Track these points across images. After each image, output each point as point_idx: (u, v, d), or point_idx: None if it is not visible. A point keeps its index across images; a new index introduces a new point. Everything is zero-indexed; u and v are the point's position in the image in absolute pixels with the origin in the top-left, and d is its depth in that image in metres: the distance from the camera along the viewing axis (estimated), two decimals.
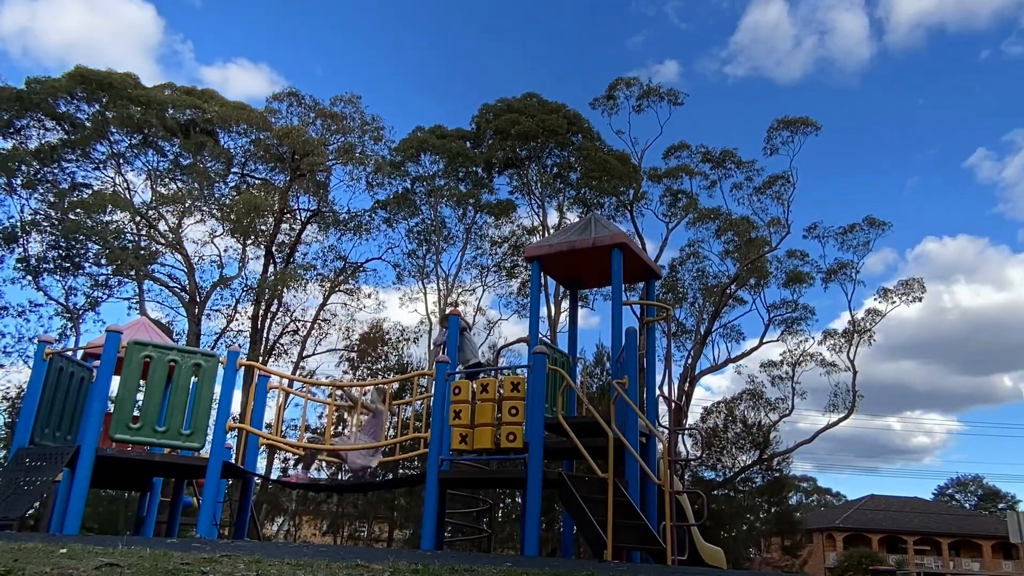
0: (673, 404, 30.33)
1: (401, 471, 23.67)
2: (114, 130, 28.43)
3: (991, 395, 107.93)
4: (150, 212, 28.90)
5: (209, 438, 8.34)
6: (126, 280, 28.50)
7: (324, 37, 78.85)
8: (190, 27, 70.53)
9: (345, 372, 31.20)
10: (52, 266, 27.54)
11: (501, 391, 7.79)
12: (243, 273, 30.68)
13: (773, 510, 36.80)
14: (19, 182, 27.47)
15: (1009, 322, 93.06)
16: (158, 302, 29.65)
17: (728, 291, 33.62)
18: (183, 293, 29.18)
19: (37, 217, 27.51)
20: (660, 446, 8.53)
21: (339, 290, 32.11)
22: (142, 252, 28.04)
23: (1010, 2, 63.13)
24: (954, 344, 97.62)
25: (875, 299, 34.18)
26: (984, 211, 75.70)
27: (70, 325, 27.83)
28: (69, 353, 9.03)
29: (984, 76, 72.26)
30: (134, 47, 66.80)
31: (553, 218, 33.08)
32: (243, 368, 8.91)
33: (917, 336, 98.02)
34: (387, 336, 32.08)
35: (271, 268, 30.70)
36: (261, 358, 28.55)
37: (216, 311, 30.23)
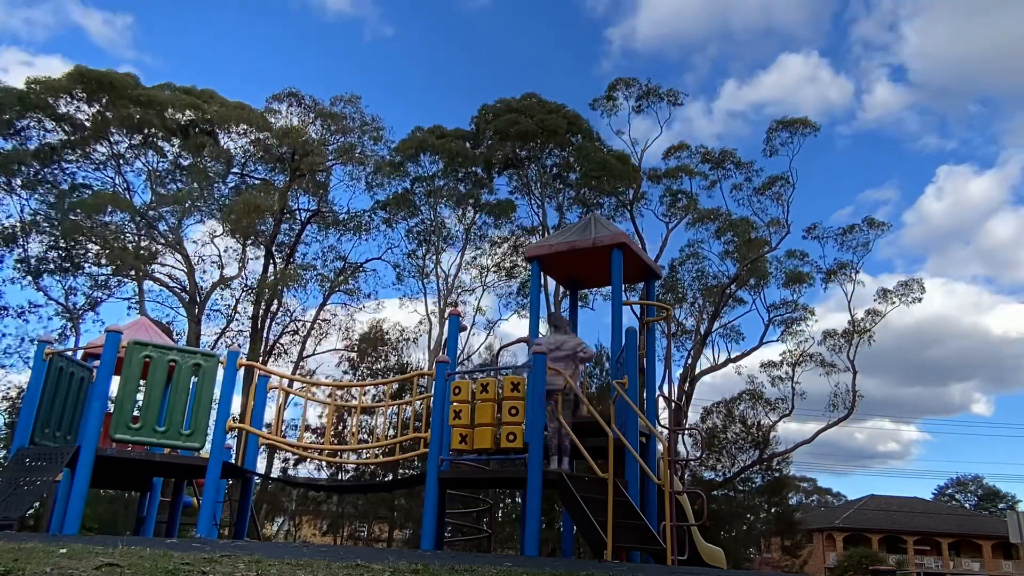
0: (673, 404, 30.32)
1: (401, 471, 23.67)
2: (114, 131, 28.43)
3: (942, 406, 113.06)
4: (150, 212, 28.90)
5: (209, 438, 8.35)
6: (126, 280, 28.52)
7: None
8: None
9: (345, 372, 31.24)
10: (52, 266, 27.54)
11: (501, 391, 7.79)
12: (243, 273, 30.72)
13: (773, 510, 36.78)
14: (19, 182, 27.47)
15: (927, 339, 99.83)
16: (158, 302, 29.69)
17: (728, 291, 33.61)
18: (183, 293, 29.18)
19: (37, 217, 27.51)
20: (660, 446, 8.53)
21: (339, 290, 32.13)
22: (142, 252, 28.03)
23: (830, 104, 73.78)
24: (886, 360, 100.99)
25: (875, 299, 34.20)
26: (869, 259, 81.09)
27: (70, 325, 27.85)
28: (69, 353, 9.03)
29: (824, 151, 78.94)
30: None
31: (553, 218, 33.09)
32: (243, 368, 8.92)
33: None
34: (387, 336, 32.09)
35: (271, 268, 30.71)
36: (261, 358, 28.55)
37: (216, 311, 30.26)
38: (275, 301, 30.36)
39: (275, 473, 27.38)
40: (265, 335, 30.55)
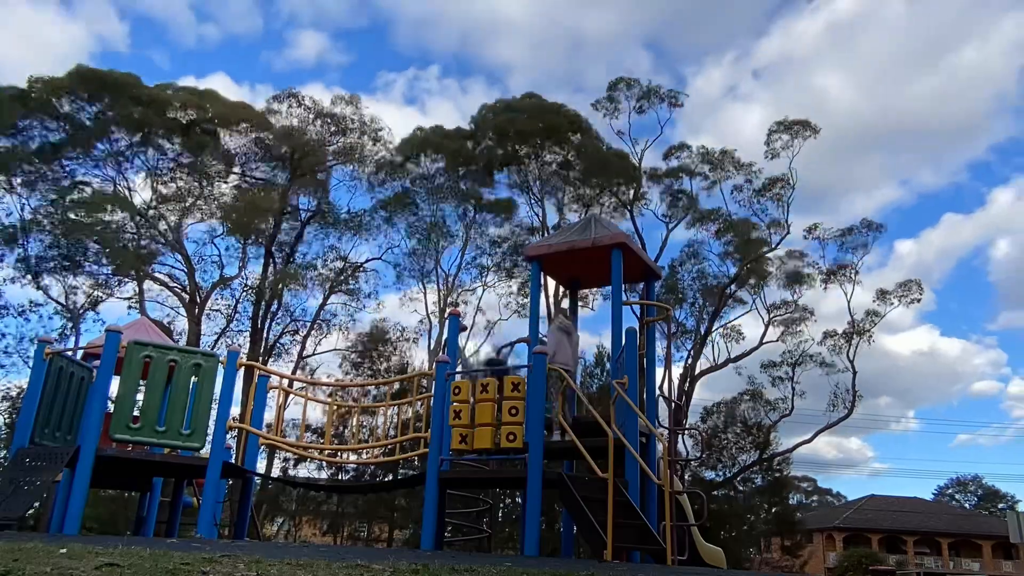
0: (673, 404, 30.31)
1: (401, 471, 23.68)
2: (115, 129, 28.41)
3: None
4: (150, 211, 28.88)
5: (209, 438, 8.35)
6: (126, 280, 28.48)
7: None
8: None
9: (346, 372, 31.23)
10: (52, 266, 27.51)
11: (501, 391, 7.78)
12: (243, 273, 30.70)
13: (773, 510, 36.77)
14: (19, 182, 27.45)
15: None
16: (158, 302, 29.65)
17: (728, 291, 33.60)
18: (183, 293, 29.17)
19: (37, 217, 27.48)
20: (660, 446, 8.52)
21: (339, 290, 32.10)
22: (142, 252, 28.01)
23: None
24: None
25: (874, 301, 34.21)
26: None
27: (70, 325, 27.81)
28: (69, 353, 9.03)
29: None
30: None
31: (553, 217, 33.09)
32: (243, 368, 8.91)
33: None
34: (387, 336, 32.09)
35: (271, 268, 30.69)
36: (261, 358, 28.54)
37: (216, 311, 30.23)
38: (275, 301, 30.35)
39: (275, 473, 27.37)
40: (265, 335, 30.54)
